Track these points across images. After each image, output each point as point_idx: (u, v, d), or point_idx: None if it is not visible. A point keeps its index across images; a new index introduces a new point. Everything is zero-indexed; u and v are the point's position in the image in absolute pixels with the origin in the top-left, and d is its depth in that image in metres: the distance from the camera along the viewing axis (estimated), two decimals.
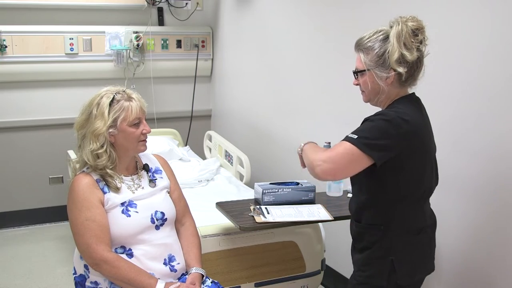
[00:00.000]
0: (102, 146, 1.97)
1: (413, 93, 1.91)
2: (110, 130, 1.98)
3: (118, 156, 2.03)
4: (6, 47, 4.00)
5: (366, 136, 1.73)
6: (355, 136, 1.74)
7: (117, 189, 2.00)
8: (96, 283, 1.99)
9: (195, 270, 2.08)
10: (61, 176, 4.37)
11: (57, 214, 4.35)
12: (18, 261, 3.71)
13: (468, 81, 2.21)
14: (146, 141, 2.07)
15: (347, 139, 1.76)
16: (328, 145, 2.26)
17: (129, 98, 2.02)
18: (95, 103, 2.00)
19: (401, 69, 1.78)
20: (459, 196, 2.27)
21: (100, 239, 1.91)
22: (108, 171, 2.00)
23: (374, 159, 1.73)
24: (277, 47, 3.66)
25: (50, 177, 4.38)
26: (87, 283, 2.02)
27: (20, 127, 4.23)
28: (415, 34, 1.78)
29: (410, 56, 1.77)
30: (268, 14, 3.75)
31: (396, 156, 1.75)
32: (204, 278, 2.10)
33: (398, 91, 1.86)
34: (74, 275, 2.08)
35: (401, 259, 1.85)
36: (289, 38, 3.51)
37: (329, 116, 3.15)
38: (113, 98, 2.00)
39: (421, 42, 1.79)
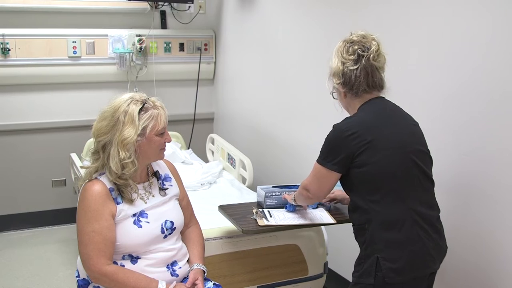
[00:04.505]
0: (130, 156, 1.92)
1: (379, 97, 2.02)
2: (138, 139, 1.93)
3: (138, 164, 1.98)
4: (9, 50, 4.01)
5: (323, 152, 1.99)
6: (319, 157, 2.00)
7: (131, 201, 1.98)
8: (98, 287, 1.99)
9: (197, 266, 2.09)
10: (64, 179, 4.38)
11: (60, 217, 4.37)
12: (21, 264, 3.72)
13: (462, 82, 2.22)
14: (165, 149, 2.06)
15: (316, 160, 2.01)
16: None
17: (156, 107, 1.99)
18: (122, 110, 1.92)
19: (337, 80, 1.99)
20: (451, 196, 2.28)
21: (101, 253, 1.89)
22: (130, 181, 1.96)
23: (337, 171, 1.96)
24: (280, 50, 3.66)
25: (53, 180, 4.39)
26: (90, 287, 2.02)
27: (23, 130, 4.24)
28: (349, 46, 1.96)
29: (342, 67, 1.97)
30: (271, 17, 3.75)
31: (352, 157, 1.91)
32: (204, 274, 2.11)
33: (359, 100, 2.01)
34: (77, 278, 2.08)
35: (386, 256, 1.88)
36: (292, 41, 3.51)
37: (332, 119, 3.13)
38: (143, 105, 1.95)
39: (356, 53, 1.94)
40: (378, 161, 1.89)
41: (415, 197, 1.94)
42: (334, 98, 2.13)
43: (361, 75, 1.96)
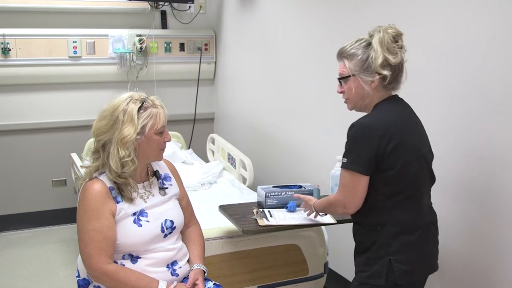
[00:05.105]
0: (129, 155, 1.92)
1: (396, 95, 1.99)
2: (137, 137, 1.94)
3: (138, 163, 1.99)
4: (10, 50, 4.01)
5: (350, 154, 1.88)
6: (345, 160, 1.90)
7: (130, 200, 1.98)
8: (99, 287, 1.99)
9: (197, 266, 2.09)
10: (64, 179, 4.38)
11: (60, 217, 4.37)
12: (21, 264, 3.72)
13: (462, 82, 2.22)
14: (164, 150, 2.06)
15: (341, 165, 1.92)
16: (318, 188, 2.54)
17: (155, 105, 1.99)
18: (121, 109, 1.93)
19: (386, 72, 1.89)
20: (454, 196, 2.28)
21: (102, 251, 1.90)
22: (130, 180, 1.97)
23: (367, 174, 1.86)
24: (280, 50, 3.66)
25: (53, 180, 4.39)
26: (90, 287, 2.02)
27: (23, 130, 4.24)
28: (396, 40, 1.90)
29: (393, 59, 1.88)
30: (271, 17, 3.75)
31: (377, 158, 1.84)
32: (205, 274, 2.11)
33: (382, 94, 1.95)
34: (78, 278, 2.08)
35: (398, 259, 1.88)
36: (292, 41, 3.51)
37: (333, 119, 3.15)
38: (142, 104, 1.96)
39: (401, 47, 1.91)
40: (404, 165, 1.86)
41: (425, 200, 1.97)
42: (341, 85, 1.99)
43: (402, 69, 1.93)
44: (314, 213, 2.24)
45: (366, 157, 1.84)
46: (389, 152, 1.84)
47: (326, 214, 2.33)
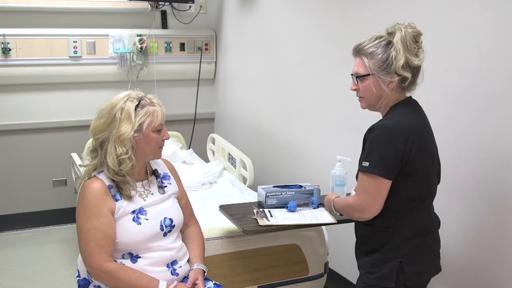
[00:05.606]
0: (127, 152, 1.94)
1: (410, 97, 1.95)
2: (135, 135, 1.95)
3: (136, 162, 2.00)
4: (10, 50, 4.01)
5: (373, 158, 1.81)
6: (367, 164, 1.82)
7: (129, 198, 1.99)
8: (99, 287, 1.99)
9: (197, 266, 2.09)
10: (65, 179, 4.38)
11: (61, 216, 4.37)
12: (21, 264, 3.72)
13: (464, 83, 2.22)
14: (163, 147, 2.07)
15: (362, 169, 1.84)
16: (318, 188, 2.51)
17: (152, 104, 2.00)
18: (119, 107, 1.95)
19: (406, 74, 1.82)
20: (455, 196, 2.28)
21: (102, 249, 1.90)
22: (128, 178, 1.98)
23: (390, 178, 1.81)
24: (281, 50, 3.66)
25: (54, 179, 4.39)
26: (91, 287, 2.02)
27: (23, 130, 4.24)
28: (416, 40, 1.84)
29: (415, 61, 1.83)
30: (272, 18, 3.75)
31: (401, 163, 1.80)
32: (205, 274, 2.11)
33: (399, 96, 1.90)
34: (78, 278, 2.08)
35: (409, 261, 1.87)
36: (293, 42, 3.51)
37: (333, 120, 3.15)
38: (139, 102, 1.97)
39: (421, 47, 1.86)
40: (425, 170, 1.86)
41: (432, 202, 1.97)
42: (356, 82, 1.93)
43: (420, 71, 1.88)
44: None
45: (389, 161, 1.79)
46: (413, 157, 1.80)
47: (341, 215, 2.25)
